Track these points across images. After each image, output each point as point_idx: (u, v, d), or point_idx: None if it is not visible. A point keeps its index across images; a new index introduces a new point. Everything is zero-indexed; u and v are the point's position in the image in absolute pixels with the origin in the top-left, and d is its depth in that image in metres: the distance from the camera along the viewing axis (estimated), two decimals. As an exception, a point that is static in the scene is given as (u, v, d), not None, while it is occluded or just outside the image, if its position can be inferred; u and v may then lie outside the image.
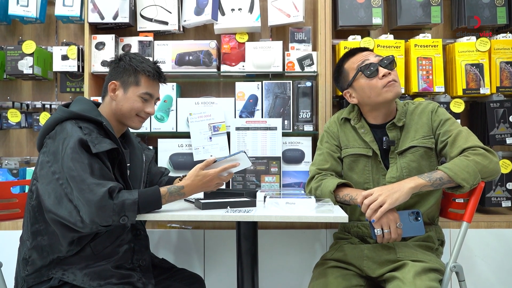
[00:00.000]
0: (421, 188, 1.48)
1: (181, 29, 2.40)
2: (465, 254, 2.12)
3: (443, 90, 2.23)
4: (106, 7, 2.27)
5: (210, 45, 2.30)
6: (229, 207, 1.49)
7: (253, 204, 1.53)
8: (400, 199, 1.44)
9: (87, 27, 2.28)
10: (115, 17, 2.28)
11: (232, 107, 2.29)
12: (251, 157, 2.22)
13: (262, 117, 2.27)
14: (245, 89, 2.29)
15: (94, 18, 2.27)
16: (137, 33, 2.36)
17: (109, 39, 2.30)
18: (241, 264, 1.62)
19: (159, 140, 2.28)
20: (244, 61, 2.29)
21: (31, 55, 2.28)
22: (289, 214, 1.40)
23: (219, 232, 2.19)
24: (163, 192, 1.43)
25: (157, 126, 2.28)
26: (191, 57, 2.30)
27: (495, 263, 2.17)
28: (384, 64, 1.60)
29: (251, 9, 2.30)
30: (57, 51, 2.31)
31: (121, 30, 2.43)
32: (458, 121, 2.18)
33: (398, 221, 1.46)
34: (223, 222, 2.15)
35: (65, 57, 2.30)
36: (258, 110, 2.28)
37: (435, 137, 1.63)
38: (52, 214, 1.37)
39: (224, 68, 2.31)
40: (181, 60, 2.31)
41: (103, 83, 1.62)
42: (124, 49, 2.33)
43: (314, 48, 2.33)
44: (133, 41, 2.34)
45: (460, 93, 2.24)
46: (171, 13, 2.34)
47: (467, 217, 1.56)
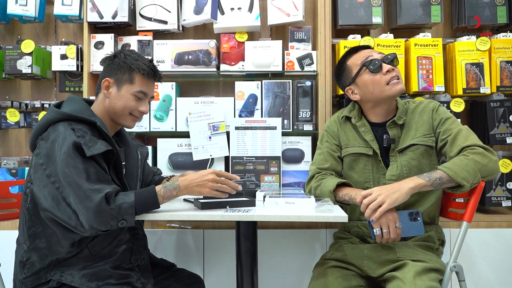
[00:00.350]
0: (421, 188, 1.48)
1: (181, 29, 2.39)
2: (465, 254, 2.12)
3: (443, 89, 2.22)
4: (105, 6, 2.26)
5: (209, 44, 2.30)
6: (228, 206, 1.48)
7: (252, 203, 1.52)
8: (399, 199, 1.44)
9: (86, 27, 2.27)
10: (114, 16, 2.27)
11: (232, 106, 2.28)
12: (251, 157, 2.22)
13: (262, 116, 2.27)
14: (244, 88, 2.28)
15: (93, 17, 2.27)
16: (136, 32, 2.35)
17: (108, 38, 2.29)
18: (241, 264, 1.61)
19: (159, 140, 2.28)
20: (244, 60, 2.29)
21: (30, 54, 2.27)
22: (288, 213, 1.40)
23: (218, 232, 2.19)
24: (158, 189, 1.39)
25: (156, 126, 2.28)
26: (190, 57, 2.30)
27: (495, 263, 2.16)
28: (387, 60, 1.61)
29: (250, 8, 2.29)
30: (56, 51, 2.30)
31: (120, 29, 2.43)
32: (458, 120, 2.17)
33: (397, 221, 1.46)
34: (222, 222, 2.15)
35: (64, 57, 2.30)
36: (257, 109, 2.28)
37: (435, 135, 1.63)
38: (50, 214, 1.36)
39: (223, 67, 2.30)
40: (180, 60, 2.30)
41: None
42: (123, 48, 2.32)
43: (314, 48, 2.32)
44: (132, 40, 2.33)
45: (460, 92, 2.23)
46: (170, 12, 2.33)
47: (467, 217, 1.55)
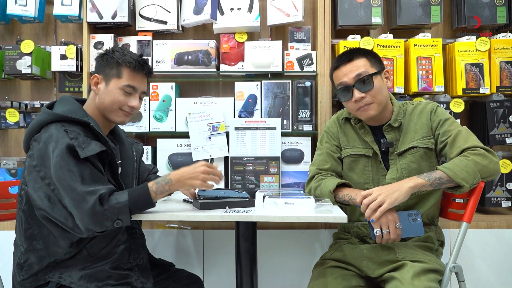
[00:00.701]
0: (421, 188, 1.48)
1: (180, 29, 2.39)
2: (465, 254, 2.12)
3: (443, 89, 2.22)
4: (104, 7, 2.26)
5: (209, 44, 2.30)
6: (227, 207, 1.48)
7: (252, 204, 1.52)
8: (399, 199, 1.44)
9: (85, 27, 2.27)
10: (114, 17, 2.27)
11: (231, 107, 2.28)
12: (251, 157, 2.22)
13: (262, 117, 2.27)
14: (244, 88, 2.28)
15: (92, 17, 2.26)
16: (136, 33, 2.35)
17: (107, 38, 2.29)
18: (240, 265, 1.61)
19: (158, 140, 2.27)
20: (243, 60, 2.29)
21: (29, 54, 2.27)
22: (288, 214, 1.40)
23: (218, 232, 2.19)
24: (150, 185, 1.37)
25: (156, 126, 2.28)
26: (190, 57, 2.29)
27: (495, 263, 2.16)
28: (359, 86, 1.57)
29: (250, 9, 2.29)
30: (56, 51, 2.30)
31: (120, 30, 2.42)
32: (458, 121, 2.17)
33: (397, 221, 1.45)
34: (222, 222, 2.15)
35: (63, 57, 2.30)
36: (257, 110, 2.27)
37: (434, 137, 1.62)
38: (46, 214, 1.36)
39: (223, 67, 2.30)
40: (180, 60, 2.30)
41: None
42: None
43: (314, 48, 2.32)
44: (132, 40, 2.33)
45: (460, 92, 2.23)
46: (170, 12, 2.33)
47: (467, 217, 1.55)
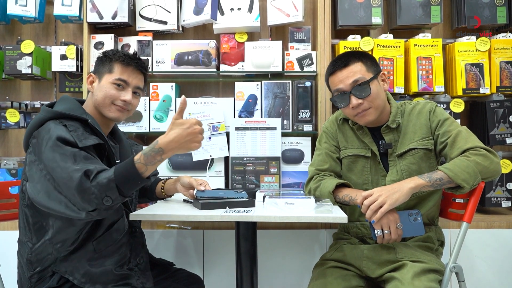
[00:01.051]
0: (421, 188, 1.47)
1: (180, 29, 2.39)
2: (465, 254, 2.12)
3: (443, 90, 2.22)
4: (105, 7, 2.26)
5: (209, 44, 2.30)
6: (228, 207, 1.48)
7: (252, 204, 1.52)
8: (400, 200, 1.43)
9: (86, 27, 2.27)
10: (114, 17, 2.27)
11: (232, 107, 2.28)
12: (251, 157, 2.22)
13: (262, 117, 2.27)
14: (244, 89, 2.28)
15: (93, 17, 2.27)
16: (136, 33, 2.35)
17: (108, 38, 2.29)
18: (240, 265, 1.61)
19: (158, 140, 2.27)
20: (244, 61, 2.29)
21: (29, 54, 2.27)
22: (288, 214, 1.40)
23: (218, 233, 2.19)
24: (137, 157, 1.31)
25: (156, 126, 2.28)
26: (190, 57, 2.30)
27: (495, 263, 2.16)
28: (356, 92, 1.56)
29: (250, 9, 2.29)
30: (56, 51, 2.30)
31: (120, 30, 2.43)
32: (458, 121, 2.17)
33: (398, 221, 1.46)
34: (222, 223, 2.15)
35: (64, 57, 2.30)
36: (257, 110, 2.28)
37: (434, 138, 1.61)
38: (44, 208, 1.36)
39: (223, 68, 2.30)
40: (180, 60, 2.30)
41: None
42: (123, 49, 2.33)
43: (314, 48, 2.32)
44: (132, 40, 2.33)
45: (460, 93, 2.23)
46: (170, 12, 2.33)
47: (467, 218, 1.55)
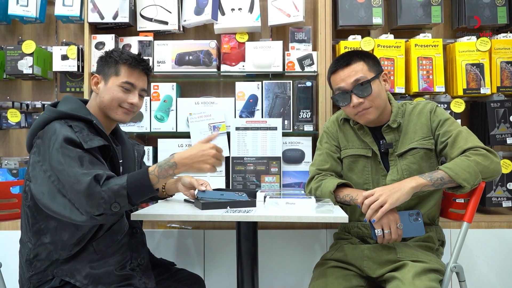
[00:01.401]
0: (422, 188, 1.48)
1: (181, 29, 2.39)
2: (466, 254, 2.12)
3: (443, 90, 2.22)
4: (106, 7, 2.26)
5: (210, 45, 2.30)
6: (229, 207, 1.48)
7: (253, 204, 1.52)
8: (401, 199, 1.43)
9: (87, 27, 2.28)
10: (115, 17, 2.28)
11: (232, 107, 2.28)
12: (251, 157, 2.22)
13: (262, 117, 2.27)
14: (245, 89, 2.29)
15: (94, 18, 2.27)
16: (137, 33, 2.36)
17: (109, 39, 2.30)
18: (241, 265, 1.61)
19: (159, 140, 2.28)
20: (244, 61, 2.29)
21: (31, 55, 2.27)
22: (289, 214, 1.40)
23: (219, 232, 2.19)
24: (152, 169, 1.34)
25: (157, 126, 2.28)
26: (191, 57, 2.30)
27: (496, 263, 2.16)
28: (357, 91, 1.56)
29: (251, 9, 2.30)
30: (57, 51, 2.30)
31: (121, 30, 2.43)
32: (458, 121, 2.18)
33: (398, 221, 1.46)
34: (223, 222, 2.15)
35: (65, 57, 2.30)
36: (258, 110, 2.28)
37: (434, 137, 1.62)
38: (47, 210, 1.35)
39: (224, 68, 2.31)
40: (181, 60, 2.30)
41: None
42: (124, 49, 2.33)
43: (314, 48, 2.33)
44: (133, 41, 2.33)
45: (460, 93, 2.23)
46: (171, 13, 2.33)
47: (467, 217, 1.55)
